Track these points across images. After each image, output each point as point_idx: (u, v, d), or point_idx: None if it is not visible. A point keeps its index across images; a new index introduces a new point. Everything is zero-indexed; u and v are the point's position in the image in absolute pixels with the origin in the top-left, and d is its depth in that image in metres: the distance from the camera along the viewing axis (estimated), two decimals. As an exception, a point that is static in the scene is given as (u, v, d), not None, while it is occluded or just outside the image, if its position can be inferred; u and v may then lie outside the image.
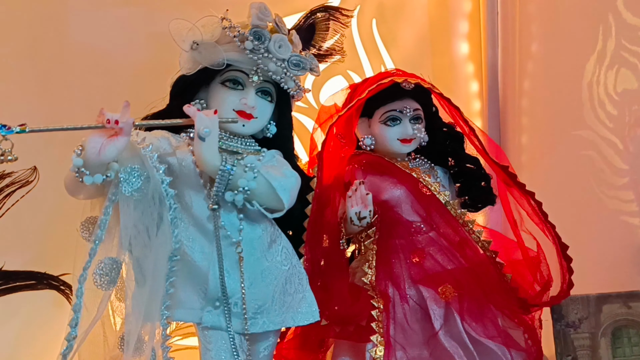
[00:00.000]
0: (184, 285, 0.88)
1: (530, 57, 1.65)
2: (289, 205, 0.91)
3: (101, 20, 1.33)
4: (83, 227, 0.85)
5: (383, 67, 1.64)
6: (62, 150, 0.84)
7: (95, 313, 0.81)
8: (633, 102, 1.49)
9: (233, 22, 0.91)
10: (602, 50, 1.51)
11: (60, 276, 1.23)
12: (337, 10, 1.03)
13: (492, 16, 1.73)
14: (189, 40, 0.90)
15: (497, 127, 1.75)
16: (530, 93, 1.66)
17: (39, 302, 1.25)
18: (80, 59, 1.30)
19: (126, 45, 1.34)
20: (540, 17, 1.63)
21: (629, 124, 1.51)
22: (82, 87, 1.28)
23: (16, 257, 1.22)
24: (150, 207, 0.84)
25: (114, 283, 0.83)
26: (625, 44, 1.49)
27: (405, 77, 1.12)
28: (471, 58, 1.77)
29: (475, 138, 1.16)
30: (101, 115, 0.76)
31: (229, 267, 0.88)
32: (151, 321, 0.84)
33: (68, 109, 1.24)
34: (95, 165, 0.77)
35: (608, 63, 1.51)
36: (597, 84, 1.53)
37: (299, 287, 0.94)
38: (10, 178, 1.19)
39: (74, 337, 0.79)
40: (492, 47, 1.73)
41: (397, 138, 1.13)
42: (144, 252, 0.84)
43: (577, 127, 1.56)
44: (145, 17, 1.37)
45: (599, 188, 1.54)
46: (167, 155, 0.89)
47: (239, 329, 0.88)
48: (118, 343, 0.86)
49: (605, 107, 1.53)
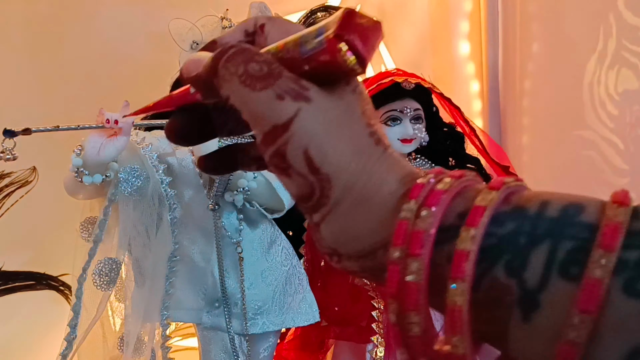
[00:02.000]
0: (184, 285, 0.88)
1: (531, 57, 1.65)
2: (289, 206, 0.91)
3: (101, 19, 1.33)
4: (82, 228, 0.84)
5: (383, 66, 1.64)
6: (61, 150, 0.84)
7: (95, 313, 0.81)
8: (634, 102, 1.49)
9: (233, 22, 0.91)
10: (603, 50, 1.51)
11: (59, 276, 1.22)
12: (337, 10, 1.03)
13: (493, 16, 1.73)
14: (188, 40, 0.90)
15: (497, 127, 1.75)
16: (531, 93, 1.66)
17: (38, 303, 1.24)
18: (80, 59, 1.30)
19: (126, 45, 1.33)
20: (541, 16, 1.63)
21: (630, 124, 1.51)
22: (82, 87, 1.28)
23: (15, 257, 1.22)
24: (150, 207, 0.83)
25: (113, 283, 0.82)
26: (626, 44, 1.49)
27: (405, 77, 1.11)
28: (472, 58, 1.77)
29: (475, 138, 1.15)
30: (101, 115, 0.76)
31: (229, 268, 0.88)
32: (151, 322, 0.84)
33: (68, 108, 1.24)
34: (95, 165, 0.77)
35: (609, 63, 1.51)
36: (597, 84, 1.52)
37: (299, 288, 0.94)
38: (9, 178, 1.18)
39: (73, 337, 0.79)
40: (493, 47, 1.73)
41: (397, 138, 1.13)
42: (144, 253, 0.84)
43: (577, 127, 1.56)
44: (145, 17, 1.37)
45: (599, 188, 1.53)
46: (166, 155, 0.89)
47: (238, 330, 0.88)
48: (117, 344, 0.86)
49: (606, 107, 1.52)
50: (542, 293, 0.20)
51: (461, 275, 0.21)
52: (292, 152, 0.25)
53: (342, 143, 0.25)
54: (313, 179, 0.25)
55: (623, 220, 0.20)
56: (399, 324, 0.23)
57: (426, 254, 0.22)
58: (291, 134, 0.25)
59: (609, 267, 0.19)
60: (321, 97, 0.25)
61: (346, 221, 0.25)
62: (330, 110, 0.25)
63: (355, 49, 0.25)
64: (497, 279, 0.21)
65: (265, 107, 0.25)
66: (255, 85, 0.25)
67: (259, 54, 0.26)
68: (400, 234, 0.23)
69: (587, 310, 0.19)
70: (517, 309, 0.21)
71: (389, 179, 0.25)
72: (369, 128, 0.26)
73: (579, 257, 0.20)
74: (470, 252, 0.21)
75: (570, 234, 0.21)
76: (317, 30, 0.25)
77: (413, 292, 0.23)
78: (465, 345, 0.21)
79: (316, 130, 0.25)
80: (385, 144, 0.26)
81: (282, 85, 0.25)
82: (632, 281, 0.19)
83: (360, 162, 0.25)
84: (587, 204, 0.22)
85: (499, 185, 0.23)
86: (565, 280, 0.20)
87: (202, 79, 0.28)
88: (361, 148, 0.25)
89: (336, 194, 0.25)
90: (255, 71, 0.25)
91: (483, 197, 0.23)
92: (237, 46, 0.27)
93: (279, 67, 0.25)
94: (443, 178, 0.24)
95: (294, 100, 0.25)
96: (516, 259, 0.21)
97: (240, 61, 0.26)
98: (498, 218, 0.22)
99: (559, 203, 0.22)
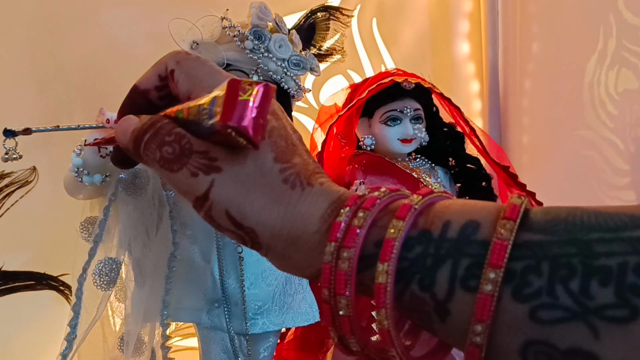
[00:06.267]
0: (184, 285, 0.88)
1: (531, 57, 1.65)
2: (289, 206, 0.91)
3: (101, 19, 1.33)
4: (82, 228, 0.84)
5: (383, 66, 1.64)
6: (61, 150, 0.84)
7: (95, 313, 0.81)
8: (634, 102, 1.49)
9: (233, 22, 0.91)
10: (603, 50, 1.51)
11: (59, 276, 1.22)
12: (337, 10, 1.03)
13: (493, 16, 1.73)
14: (188, 40, 0.90)
15: (497, 127, 1.75)
16: (531, 93, 1.66)
17: (38, 303, 1.24)
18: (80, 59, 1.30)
19: (126, 45, 1.33)
20: (541, 17, 1.63)
21: (630, 124, 1.51)
22: (82, 87, 1.28)
23: (15, 258, 1.22)
24: (150, 207, 0.83)
25: (113, 283, 0.82)
26: (626, 44, 1.49)
27: (405, 77, 1.11)
28: (472, 58, 1.77)
29: (476, 138, 1.15)
30: (101, 114, 0.76)
31: (229, 268, 0.88)
32: (151, 322, 0.84)
33: (67, 109, 1.24)
34: (95, 165, 0.77)
35: (609, 63, 1.51)
36: (597, 84, 1.52)
37: (299, 288, 0.94)
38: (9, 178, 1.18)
39: (73, 337, 0.79)
40: (493, 46, 1.73)
41: (397, 138, 1.13)
42: (144, 253, 0.84)
43: (578, 127, 1.56)
44: (145, 17, 1.37)
45: (599, 188, 1.53)
46: (166, 155, 0.89)
47: (238, 330, 0.88)
48: (117, 344, 0.86)
49: (606, 107, 1.52)
50: (450, 303, 0.24)
51: (382, 304, 0.25)
52: (216, 214, 0.29)
53: (258, 199, 0.28)
54: (240, 232, 0.29)
55: (509, 237, 0.23)
56: (330, 304, 0.27)
57: (351, 291, 0.26)
58: (211, 202, 0.29)
59: (498, 282, 0.23)
60: (230, 164, 0.29)
61: (284, 259, 0.29)
62: (240, 173, 0.29)
63: (243, 134, 0.27)
64: (414, 293, 0.26)
65: (185, 185, 0.29)
66: (172, 167, 0.29)
67: (169, 133, 0.29)
68: (326, 276, 0.27)
69: (482, 320, 0.23)
70: (434, 314, 0.25)
71: (311, 219, 0.28)
72: (282, 174, 0.29)
73: (475, 271, 0.24)
74: (387, 284, 0.25)
75: (467, 253, 0.24)
76: (209, 108, 0.28)
77: (345, 324, 0.27)
78: (389, 320, 0.25)
79: (231, 194, 0.28)
80: (303, 182, 0.29)
81: (194, 163, 0.29)
82: (519, 288, 0.23)
83: (280, 210, 0.28)
84: (483, 221, 0.25)
85: (404, 213, 0.27)
86: (466, 291, 0.24)
87: (131, 153, 0.32)
88: (277, 198, 0.29)
89: (266, 241, 0.29)
90: (169, 154, 0.29)
91: (393, 226, 0.26)
92: (153, 126, 0.30)
93: (188, 142, 0.29)
94: (359, 209, 0.27)
95: (206, 174, 0.28)
96: (426, 277, 0.25)
97: (155, 147, 0.29)
98: (408, 243, 0.26)
99: (459, 223, 0.25)
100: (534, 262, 0.22)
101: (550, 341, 0.21)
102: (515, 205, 0.24)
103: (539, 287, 0.22)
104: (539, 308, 0.22)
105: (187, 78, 0.32)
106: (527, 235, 0.23)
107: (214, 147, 0.29)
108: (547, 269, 0.22)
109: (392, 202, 0.28)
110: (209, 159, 0.29)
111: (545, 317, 0.22)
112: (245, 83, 0.28)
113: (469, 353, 0.23)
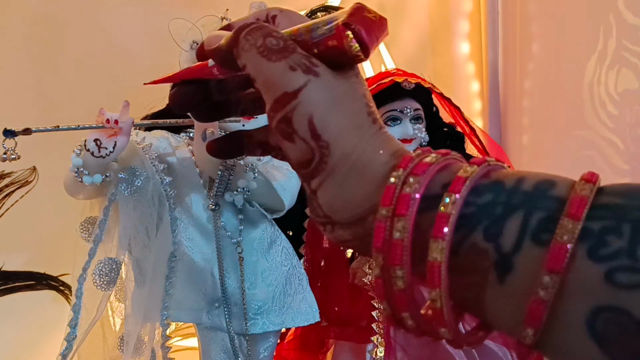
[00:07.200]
0: (184, 285, 0.87)
1: (531, 57, 1.65)
2: (289, 206, 0.91)
3: (101, 19, 1.33)
4: (82, 228, 0.84)
5: (383, 66, 1.64)
6: (61, 150, 0.84)
7: (95, 313, 0.81)
8: (634, 102, 1.49)
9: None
10: (603, 50, 1.51)
11: (59, 276, 1.23)
12: (337, 10, 1.03)
13: (493, 16, 1.73)
14: (188, 40, 0.90)
15: (497, 127, 1.75)
16: (531, 93, 1.66)
17: (38, 303, 1.25)
18: (80, 59, 1.30)
19: (126, 45, 1.33)
20: (541, 17, 1.63)
21: (630, 124, 1.50)
22: (82, 87, 1.28)
23: (15, 258, 1.22)
24: (150, 207, 0.83)
25: (113, 283, 0.82)
26: (626, 44, 1.49)
27: (405, 77, 1.11)
28: (472, 58, 1.77)
29: (476, 138, 1.15)
30: (101, 114, 0.76)
31: (229, 268, 0.88)
32: (151, 322, 0.84)
33: (67, 108, 1.24)
34: (95, 166, 0.77)
35: (609, 63, 1.51)
36: (597, 84, 1.52)
37: (299, 288, 0.94)
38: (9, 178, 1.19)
39: (73, 337, 0.79)
40: (493, 46, 1.73)
41: (397, 138, 1.13)
42: (144, 253, 0.84)
43: (577, 127, 1.56)
44: (145, 17, 1.37)
45: (599, 188, 1.53)
46: (167, 155, 0.89)
47: (238, 330, 0.88)
48: (117, 344, 0.86)
49: (606, 107, 1.52)
50: (516, 256, 0.22)
51: (441, 235, 0.23)
52: (298, 118, 0.28)
53: (342, 117, 0.28)
54: (314, 144, 0.28)
55: (589, 194, 0.22)
56: (383, 277, 0.25)
57: (411, 215, 0.25)
58: (299, 102, 0.27)
59: (575, 234, 0.21)
60: (328, 74, 0.28)
61: (341, 187, 0.28)
62: (335, 88, 0.28)
63: (360, 38, 0.28)
64: (475, 244, 0.23)
65: (279, 76, 0.28)
66: (271, 57, 0.28)
67: (277, 30, 0.29)
68: (389, 196, 0.25)
69: (555, 270, 0.21)
70: (493, 272, 0.23)
71: (382, 152, 0.28)
72: (367, 108, 0.29)
73: (549, 225, 0.22)
74: (450, 215, 0.23)
75: (542, 206, 0.23)
76: (328, 19, 0.29)
77: (398, 247, 0.25)
78: (444, 300, 0.23)
79: (321, 102, 0.28)
80: (381, 124, 0.29)
81: (295, 59, 0.28)
82: (596, 247, 0.21)
83: (357, 135, 0.28)
84: (559, 181, 0.24)
85: (480, 161, 0.25)
86: (536, 245, 0.22)
87: (222, 50, 0.31)
88: (359, 124, 0.28)
89: (333, 161, 0.28)
90: (273, 44, 0.28)
91: (465, 170, 0.25)
92: (258, 22, 0.30)
93: (294, 44, 0.29)
94: (430, 154, 0.27)
95: (305, 73, 0.28)
96: (493, 226, 0.23)
97: (259, 35, 0.29)
98: (477, 189, 0.24)
99: (534, 179, 0.24)
100: (614, 222, 0.21)
101: (625, 307, 0.20)
102: (593, 173, 0.23)
103: (618, 247, 0.20)
104: (617, 270, 0.20)
105: (291, 22, 0.32)
106: (606, 199, 0.22)
107: (316, 58, 0.29)
108: (628, 230, 0.21)
109: (461, 161, 0.27)
110: (310, 62, 0.28)
111: (624, 280, 0.20)
112: (369, 10, 0.30)
113: (531, 312, 0.21)
